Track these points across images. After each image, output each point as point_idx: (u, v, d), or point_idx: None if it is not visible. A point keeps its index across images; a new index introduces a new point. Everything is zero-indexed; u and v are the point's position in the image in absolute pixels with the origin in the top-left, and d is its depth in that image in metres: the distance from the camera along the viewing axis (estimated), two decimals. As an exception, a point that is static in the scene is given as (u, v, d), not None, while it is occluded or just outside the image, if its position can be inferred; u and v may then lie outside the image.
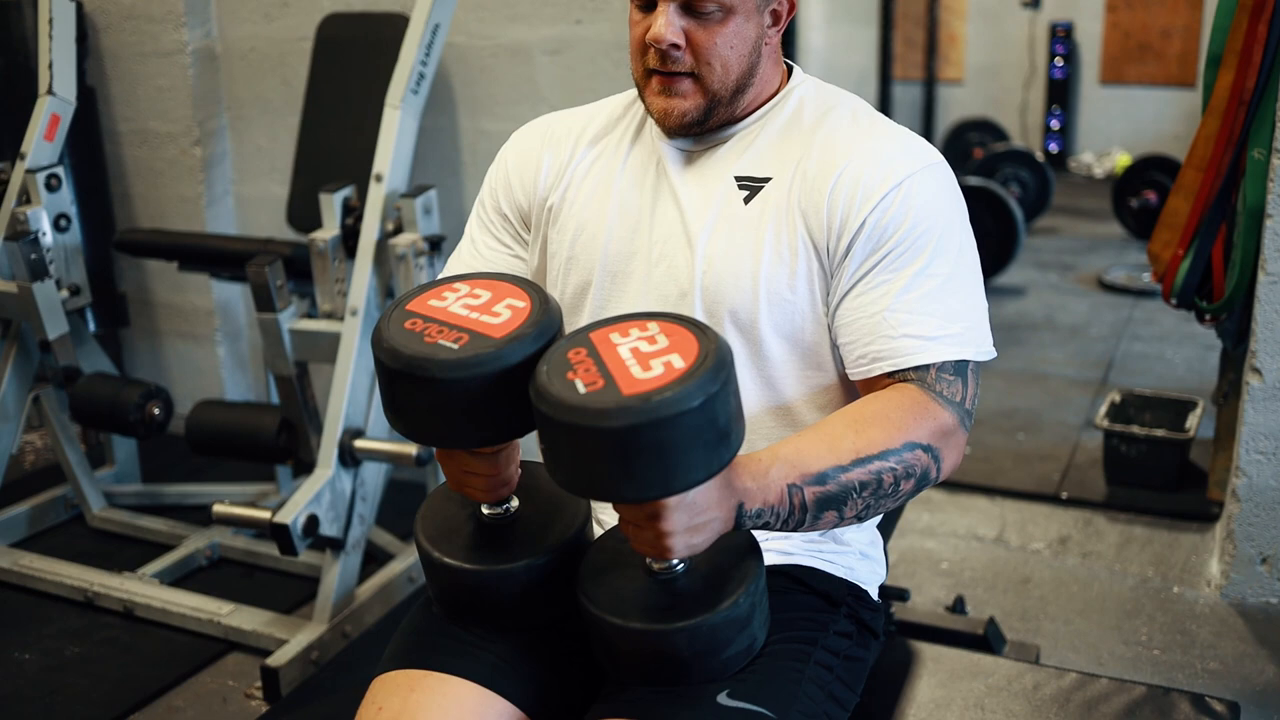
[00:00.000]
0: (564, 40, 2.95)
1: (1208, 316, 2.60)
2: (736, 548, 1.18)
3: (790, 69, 1.41)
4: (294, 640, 2.30)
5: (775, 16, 1.33)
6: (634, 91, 1.41)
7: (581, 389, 1.02)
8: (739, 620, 1.15)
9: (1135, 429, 3.04)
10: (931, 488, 1.40)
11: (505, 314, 1.12)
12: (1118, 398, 3.21)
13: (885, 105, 7.03)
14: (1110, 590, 2.59)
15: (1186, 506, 2.91)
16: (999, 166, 6.10)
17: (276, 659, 2.25)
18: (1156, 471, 3.00)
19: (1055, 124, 8.16)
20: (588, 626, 1.20)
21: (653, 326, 1.09)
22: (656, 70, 1.29)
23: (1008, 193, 5.18)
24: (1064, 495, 3.02)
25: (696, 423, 1.00)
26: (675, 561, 1.14)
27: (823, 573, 1.38)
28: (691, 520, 1.08)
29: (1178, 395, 3.26)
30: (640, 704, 1.17)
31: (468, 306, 1.14)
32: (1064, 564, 2.71)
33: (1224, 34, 2.41)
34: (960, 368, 1.24)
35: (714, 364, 1.02)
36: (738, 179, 1.33)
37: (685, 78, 1.29)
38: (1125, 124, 8.01)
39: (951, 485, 3.06)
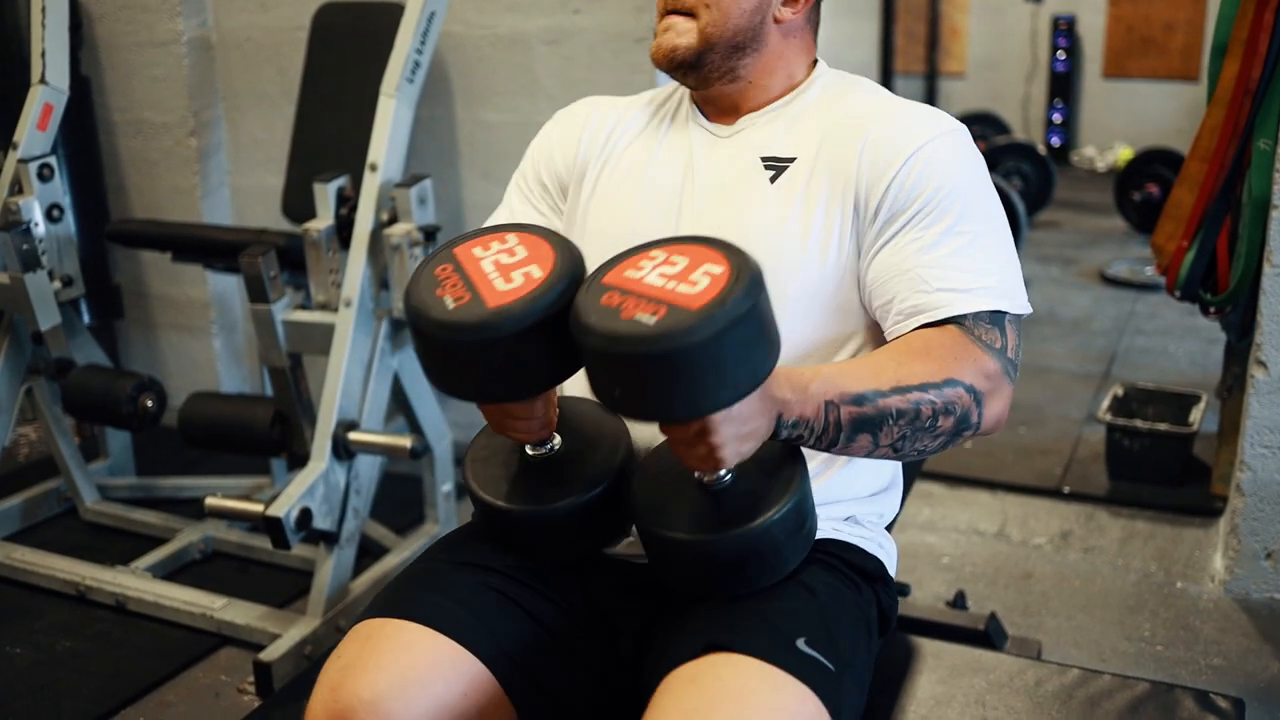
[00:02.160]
0: (562, 30, 2.92)
1: (1212, 309, 2.57)
2: (777, 455, 1.23)
3: (816, 63, 1.49)
4: (287, 635, 2.28)
5: None
6: (673, 85, 1.51)
7: (649, 320, 1.03)
8: (791, 521, 1.20)
9: (1138, 423, 3.02)
10: (934, 478, 1.43)
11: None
12: (1120, 391, 3.18)
13: (886, 98, 7.00)
14: (1113, 585, 2.57)
15: (1190, 501, 2.89)
16: (1001, 160, 6.07)
17: (269, 654, 2.22)
18: (1159, 466, 2.98)
19: (1057, 118, 8.13)
20: (652, 550, 1.24)
21: (660, 254, 1.12)
22: (665, 11, 1.39)
23: (1010, 186, 5.15)
24: (1066, 490, 2.99)
25: (743, 334, 1.04)
26: (724, 472, 1.19)
27: (857, 548, 1.40)
28: (739, 430, 1.11)
29: (1181, 389, 3.23)
30: (725, 635, 1.17)
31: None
32: (1066, 559, 2.69)
33: (1229, 23, 2.38)
34: (997, 319, 1.27)
35: (751, 276, 1.05)
36: (764, 159, 1.38)
37: (685, 16, 1.37)
38: (1128, 118, 7.97)
39: (952, 479, 3.03)
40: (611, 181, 1.45)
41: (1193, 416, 3.04)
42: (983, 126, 7.76)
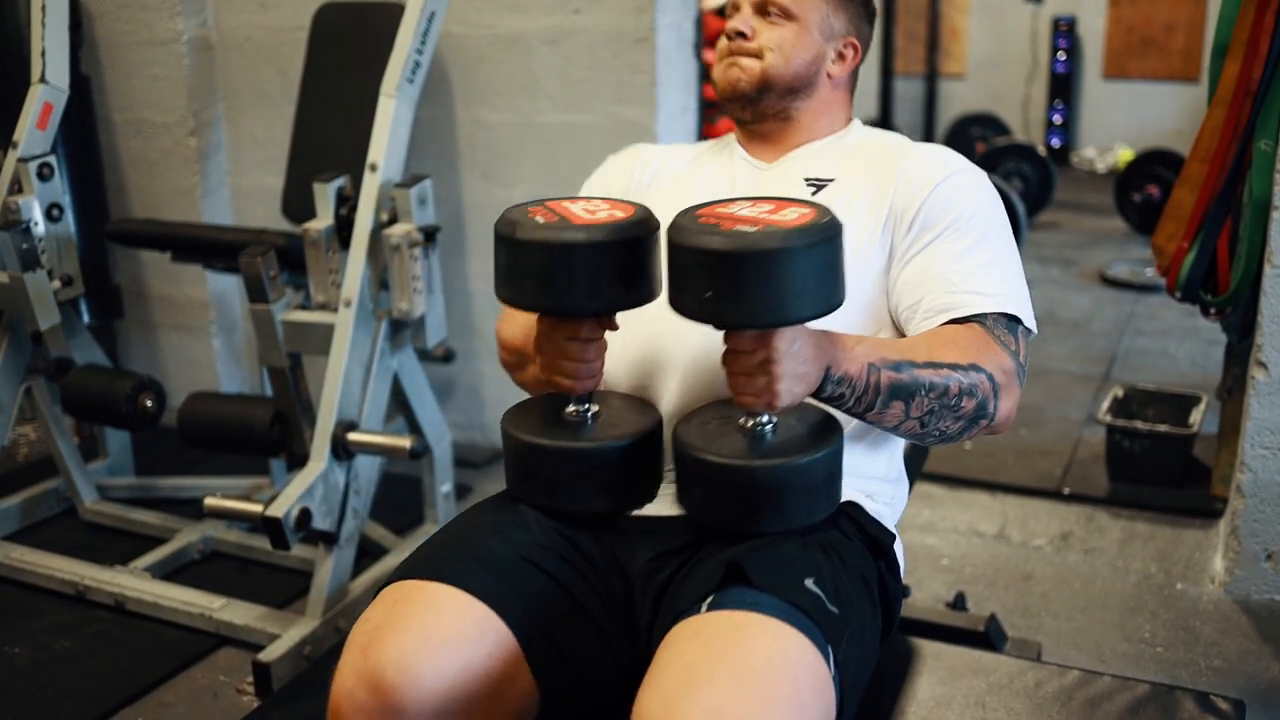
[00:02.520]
0: (562, 30, 2.92)
1: (1213, 310, 2.57)
2: (816, 420, 1.34)
3: (851, 119, 1.67)
4: (286, 635, 2.28)
5: (840, 55, 1.60)
6: (717, 139, 1.72)
7: (749, 230, 1.17)
8: (829, 465, 1.29)
9: (1138, 424, 3.01)
10: (934, 479, 1.51)
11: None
12: (1120, 393, 3.18)
13: (886, 100, 7.00)
14: (1113, 587, 2.56)
15: (1190, 502, 2.89)
16: (1001, 161, 6.07)
17: (268, 654, 2.22)
18: (1160, 467, 2.98)
19: (1058, 119, 8.14)
20: (694, 480, 1.30)
21: (746, 202, 1.28)
22: (731, 50, 1.57)
23: (1010, 187, 5.15)
24: (1066, 491, 2.99)
25: (828, 257, 1.18)
26: (768, 419, 1.28)
27: (870, 517, 1.47)
28: (796, 368, 1.21)
29: (1181, 390, 3.23)
30: (736, 568, 1.21)
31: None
32: (1066, 560, 2.68)
33: (1230, 24, 2.38)
34: (1013, 326, 1.41)
35: (833, 216, 1.20)
36: (805, 178, 1.55)
37: (750, 56, 1.56)
38: (1128, 119, 7.98)
39: (952, 481, 3.03)
40: (657, 194, 1.60)
41: (1193, 418, 3.03)
42: (983, 128, 7.76)
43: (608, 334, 1.37)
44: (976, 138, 7.57)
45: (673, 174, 1.66)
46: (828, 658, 1.19)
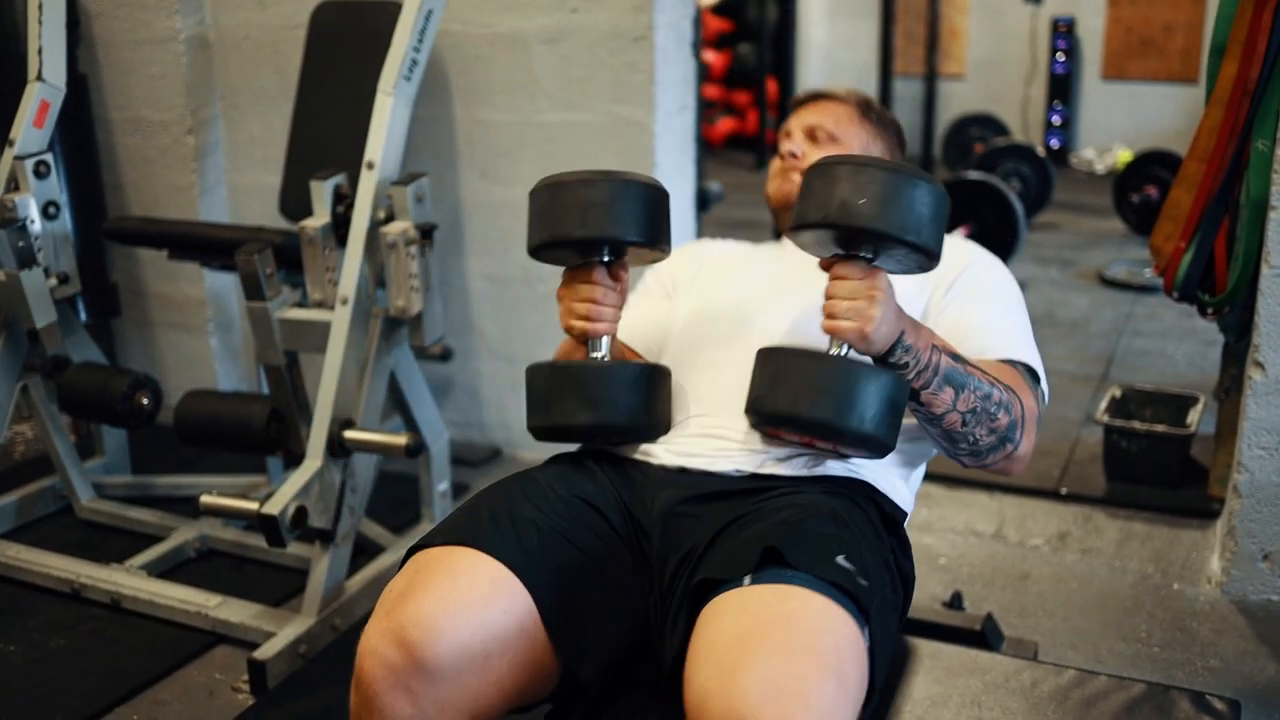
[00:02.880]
0: (560, 29, 2.92)
1: (1210, 310, 2.56)
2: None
3: None
4: (282, 633, 2.27)
5: None
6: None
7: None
8: (900, 390, 1.40)
9: (1136, 424, 3.01)
10: (932, 479, 1.63)
11: None
12: (1118, 393, 3.18)
13: (886, 100, 6.99)
14: (1109, 587, 2.56)
15: (1187, 503, 2.88)
16: (1000, 161, 6.06)
17: (264, 652, 2.22)
18: (1157, 467, 2.97)
19: (1057, 120, 8.14)
20: (783, 374, 1.41)
21: None
22: (784, 168, 1.83)
23: (1008, 187, 5.15)
24: (1063, 491, 2.99)
25: (945, 212, 1.37)
26: (848, 347, 1.39)
27: (884, 494, 1.54)
28: (887, 312, 1.35)
29: (1179, 391, 3.23)
30: (773, 545, 1.26)
31: None
32: (1063, 560, 2.68)
33: (1228, 24, 2.38)
34: (1034, 379, 1.60)
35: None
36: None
37: (800, 173, 1.73)
38: (1127, 120, 7.98)
39: (950, 480, 3.03)
40: (711, 267, 1.86)
41: (1190, 418, 3.03)
42: (982, 128, 7.76)
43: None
44: (975, 138, 7.57)
45: (728, 253, 1.91)
46: (863, 631, 1.25)
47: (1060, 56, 8.06)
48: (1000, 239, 4.94)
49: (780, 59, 4.93)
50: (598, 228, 1.47)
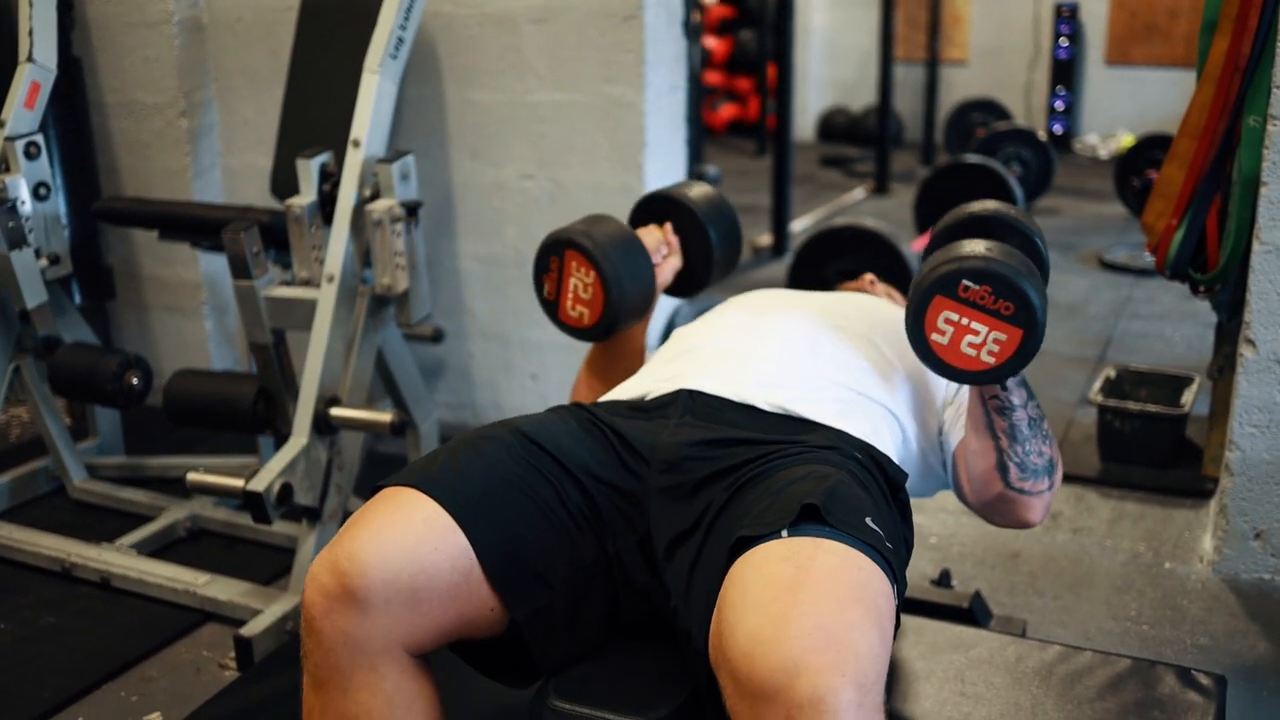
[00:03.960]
0: (550, 8, 2.91)
1: (1201, 288, 2.55)
2: None
3: None
4: (269, 610, 2.28)
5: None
6: None
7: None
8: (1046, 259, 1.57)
9: (1130, 404, 3.00)
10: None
11: None
12: (1113, 373, 3.17)
13: (887, 86, 6.97)
14: (1100, 566, 2.55)
15: (1181, 483, 2.87)
16: (1000, 145, 6.04)
17: (250, 629, 2.22)
18: (1151, 447, 2.96)
19: (1060, 105, 8.11)
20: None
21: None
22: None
23: (1008, 171, 5.13)
24: (1056, 471, 2.98)
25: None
26: None
27: (890, 460, 1.54)
28: None
29: (1174, 371, 3.21)
30: (808, 497, 1.27)
31: None
32: (1054, 540, 2.67)
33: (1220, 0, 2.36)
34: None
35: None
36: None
37: None
38: (1131, 105, 7.95)
39: (942, 461, 3.02)
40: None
41: (1185, 398, 3.02)
42: (984, 113, 7.73)
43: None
44: (978, 124, 7.54)
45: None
46: (893, 589, 1.27)
47: (1063, 42, 8.03)
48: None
49: (781, 45, 4.91)
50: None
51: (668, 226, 1.94)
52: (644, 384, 1.67)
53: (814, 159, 8.21)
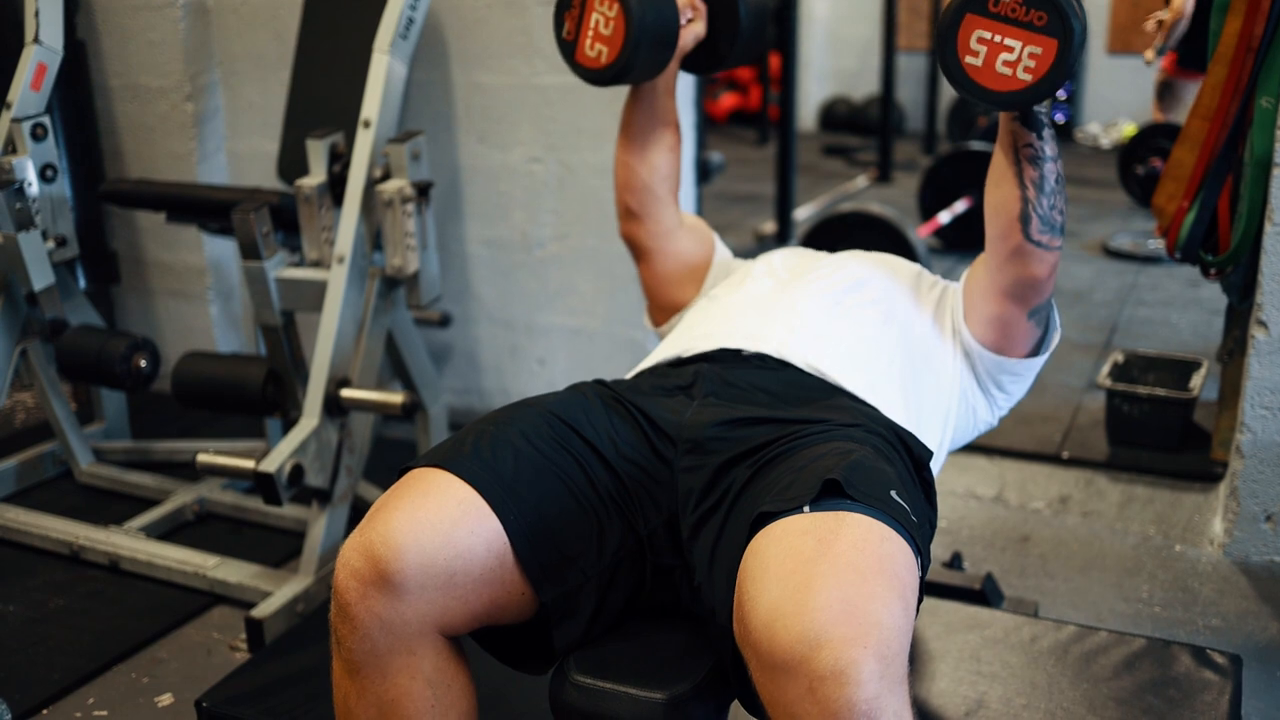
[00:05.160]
0: (559, -10, 2.89)
1: (1213, 270, 2.54)
2: None
3: None
4: (279, 592, 2.27)
5: None
6: None
7: None
8: None
9: (1139, 389, 2.99)
10: None
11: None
12: (1121, 358, 3.16)
13: (888, 75, 6.96)
14: (1111, 549, 2.55)
15: (1189, 467, 2.87)
16: (1004, 134, 6.03)
17: (261, 610, 2.21)
18: (1159, 431, 2.96)
19: (1062, 94, 8.08)
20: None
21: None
22: None
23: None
24: (1065, 455, 2.98)
25: None
26: None
27: (915, 437, 1.51)
28: None
29: (1181, 356, 3.21)
30: (829, 472, 1.26)
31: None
32: (1064, 523, 2.67)
33: (1233, -21, 2.35)
34: None
35: None
36: None
37: None
38: (1133, 94, 7.93)
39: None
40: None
41: (1193, 382, 3.01)
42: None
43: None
44: (979, 113, 7.53)
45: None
46: (917, 562, 1.26)
47: (1066, 31, 8.00)
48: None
49: (786, 35, 4.90)
50: None
51: None
52: (681, 343, 1.68)
53: (815, 148, 8.20)
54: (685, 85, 3.03)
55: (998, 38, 1.40)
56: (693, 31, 1.90)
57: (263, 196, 2.49)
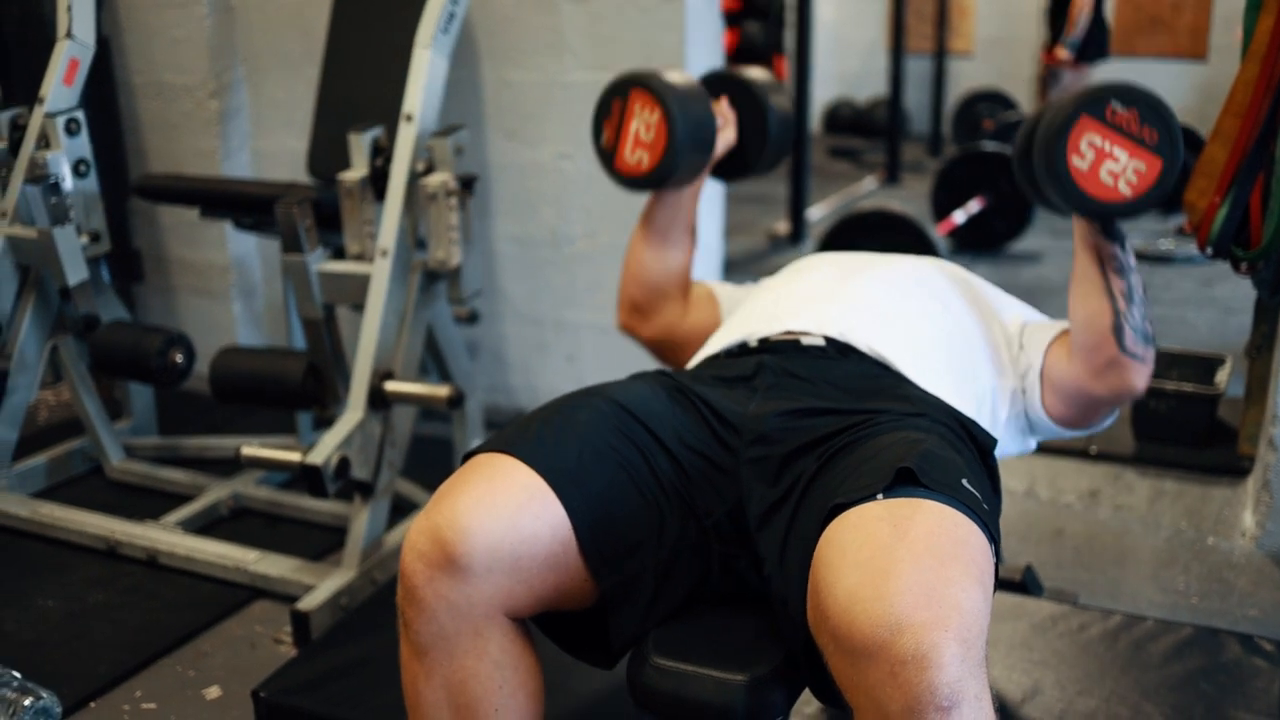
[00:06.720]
0: (590, -13, 2.90)
1: (1244, 265, 2.56)
2: None
3: None
4: (323, 586, 2.27)
5: None
6: None
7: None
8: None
9: (1167, 384, 3.01)
10: None
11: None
12: (1145, 354, 3.17)
13: (896, 77, 6.99)
14: (1144, 541, 2.56)
15: (1217, 461, 2.88)
16: (1009, 136, 6.06)
17: (307, 603, 2.21)
18: (1186, 427, 2.97)
19: (1064, 97, 8.12)
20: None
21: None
22: None
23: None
24: (1093, 450, 2.99)
25: None
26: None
27: (977, 424, 1.51)
28: None
29: (1206, 353, 3.22)
30: (902, 461, 1.26)
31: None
32: (1096, 516, 2.68)
33: (1266, -25, 2.37)
34: None
35: None
36: None
37: None
38: (1135, 96, 7.97)
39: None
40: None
41: (1219, 378, 3.03)
42: (991, 104, 7.75)
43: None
44: (985, 114, 7.56)
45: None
46: (991, 549, 1.26)
47: (1068, 34, 8.04)
48: (1015, 210, 4.95)
49: (801, 38, 4.93)
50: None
51: (724, 100, 1.99)
52: (744, 328, 1.69)
53: (821, 150, 8.22)
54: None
55: (1108, 145, 1.42)
56: (724, 138, 1.96)
57: (300, 191, 2.49)
